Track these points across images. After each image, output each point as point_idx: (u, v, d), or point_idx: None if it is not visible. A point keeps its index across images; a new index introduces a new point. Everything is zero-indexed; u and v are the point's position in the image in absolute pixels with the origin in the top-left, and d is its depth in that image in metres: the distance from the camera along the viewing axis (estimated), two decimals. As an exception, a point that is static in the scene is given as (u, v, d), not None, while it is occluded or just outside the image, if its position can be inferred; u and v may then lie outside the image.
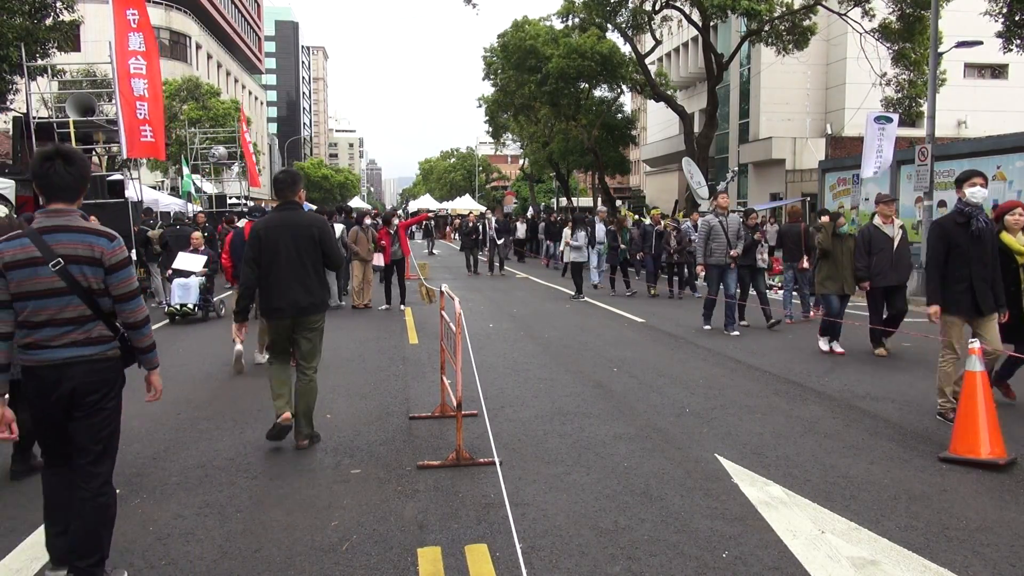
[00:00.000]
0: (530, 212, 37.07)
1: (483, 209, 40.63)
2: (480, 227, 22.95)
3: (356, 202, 56.16)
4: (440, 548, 3.77)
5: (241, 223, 12.92)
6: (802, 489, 4.53)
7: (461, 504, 4.32)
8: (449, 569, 3.56)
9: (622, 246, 16.45)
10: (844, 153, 28.94)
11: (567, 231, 16.07)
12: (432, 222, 41.12)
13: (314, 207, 18.49)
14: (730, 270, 10.59)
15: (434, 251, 32.63)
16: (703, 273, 10.84)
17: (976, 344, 5.15)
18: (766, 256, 11.58)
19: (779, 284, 14.55)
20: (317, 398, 5.57)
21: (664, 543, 3.81)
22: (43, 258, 3.18)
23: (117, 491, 3.47)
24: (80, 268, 3.24)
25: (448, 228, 45.86)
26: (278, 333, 5.48)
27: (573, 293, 15.25)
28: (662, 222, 16.68)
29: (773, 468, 4.91)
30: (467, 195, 62.29)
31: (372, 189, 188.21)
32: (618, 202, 41.70)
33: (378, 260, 13.36)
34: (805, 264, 11.72)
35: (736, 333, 10.41)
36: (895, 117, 17.63)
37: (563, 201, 46.72)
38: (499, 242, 22.19)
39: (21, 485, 4.70)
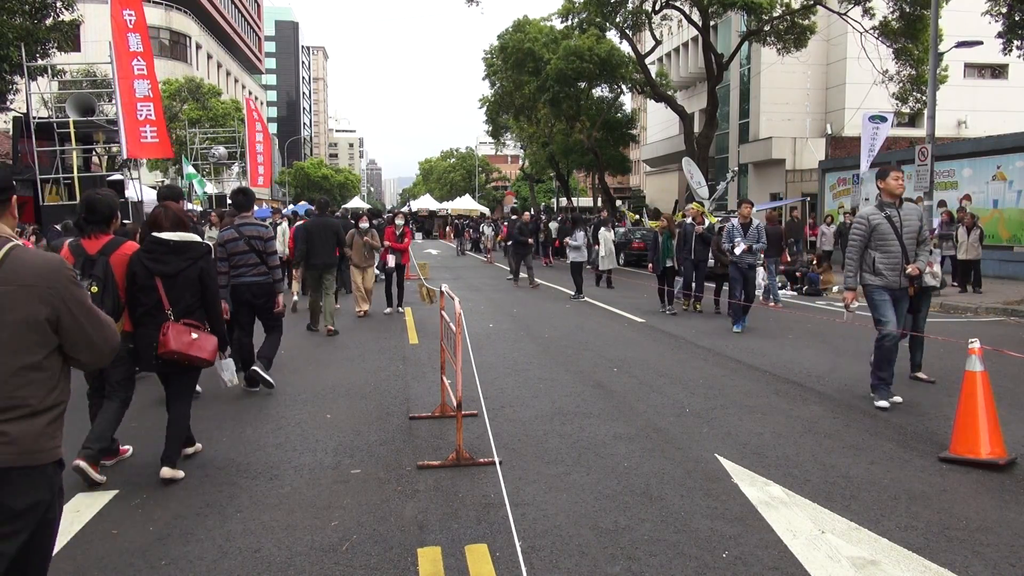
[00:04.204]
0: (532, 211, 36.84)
1: (485, 210, 40.33)
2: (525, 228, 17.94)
3: (356, 202, 56.08)
4: (440, 548, 3.77)
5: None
6: (802, 489, 4.52)
7: (461, 504, 4.32)
8: (449, 569, 3.56)
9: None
10: (844, 153, 28.97)
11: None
12: (461, 222, 40.41)
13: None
14: (906, 296, 6.73)
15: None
16: (853, 303, 6.85)
17: (976, 344, 5.16)
18: (938, 270, 7.74)
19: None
20: (319, 391, 6.96)
21: (664, 543, 3.81)
22: (239, 237, 6.87)
23: (115, 490, 3.60)
24: (255, 241, 6.91)
25: (449, 228, 45.74)
26: (314, 278, 10.66)
27: (573, 293, 15.25)
28: (707, 221, 13.94)
29: (773, 468, 4.91)
30: (467, 195, 62.25)
31: (372, 189, 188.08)
32: (618, 202, 41.67)
33: (389, 261, 12.84)
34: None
35: (898, 399, 6.62)
36: (889, 117, 17.69)
37: (563, 201, 46.70)
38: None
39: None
